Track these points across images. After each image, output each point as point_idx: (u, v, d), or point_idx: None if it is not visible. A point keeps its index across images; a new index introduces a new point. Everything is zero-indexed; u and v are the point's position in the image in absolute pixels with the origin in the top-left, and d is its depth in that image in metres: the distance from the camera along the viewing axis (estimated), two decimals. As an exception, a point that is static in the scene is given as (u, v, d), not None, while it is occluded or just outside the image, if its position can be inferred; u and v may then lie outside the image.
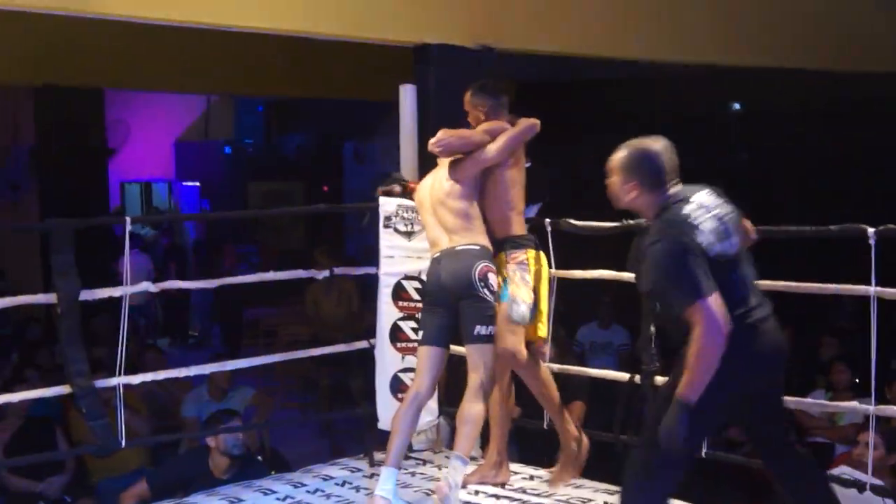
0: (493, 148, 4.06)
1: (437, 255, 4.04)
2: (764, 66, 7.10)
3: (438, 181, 4.13)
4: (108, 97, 10.29)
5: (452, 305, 3.95)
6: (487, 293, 3.88)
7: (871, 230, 3.54)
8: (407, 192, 4.61)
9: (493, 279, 3.90)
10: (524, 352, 4.03)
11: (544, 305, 4.14)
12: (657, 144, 3.22)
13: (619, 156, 3.24)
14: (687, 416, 3.02)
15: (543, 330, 4.15)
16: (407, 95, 4.99)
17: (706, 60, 6.79)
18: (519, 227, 4.14)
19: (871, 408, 3.70)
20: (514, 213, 4.15)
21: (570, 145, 9.93)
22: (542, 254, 4.17)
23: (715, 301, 2.99)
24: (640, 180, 3.18)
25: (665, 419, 3.07)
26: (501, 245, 4.10)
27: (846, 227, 3.61)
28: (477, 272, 3.87)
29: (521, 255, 4.07)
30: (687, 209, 3.12)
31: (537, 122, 4.17)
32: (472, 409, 3.86)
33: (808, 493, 3.34)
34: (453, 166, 4.09)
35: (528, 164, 4.27)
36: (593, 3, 5.91)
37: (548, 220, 4.39)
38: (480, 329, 3.88)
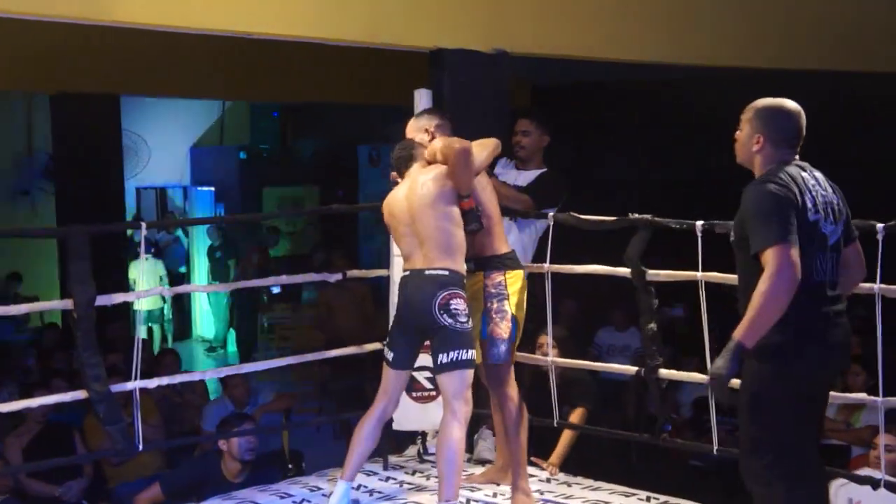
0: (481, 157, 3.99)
1: (407, 274, 3.92)
2: (784, 67, 7.07)
3: (418, 187, 3.92)
4: (124, 103, 10.34)
5: (417, 330, 3.89)
6: (449, 320, 3.76)
7: (879, 225, 3.51)
8: None
9: (455, 305, 3.77)
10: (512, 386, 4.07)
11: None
12: (792, 104, 3.20)
13: (752, 107, 3.21)
14: (737, 358, 2.99)
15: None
16: (422, 100, 5.00)
17: (718, 63, 6.78)
18: (500, 242, 4.09)
19: (880, 400, 3.67)
20: (494, 224, 4.08)
21: (584, 147, 9.96)
22: (520, 272, 4.11)
23: (794, 252, 2.95)
24: (767, 133, 3.15)
25: (716, 360, 3.04)
26: (483, 263, 4.05)
27: (854, 222, 3.57)
28: (437, 303, 3.76)
29: (498, 276, 4.03)
30: (804, 174, 3.12)
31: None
32: (451, 441, 3.74)
33: None
34: (442, 168, 3.92)
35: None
36: (606, 5, 5.91)
37: (551, 214, 4.38)
38: (442, 357, 3.78)
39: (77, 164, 9.52)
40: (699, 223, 3.82)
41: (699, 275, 3.89)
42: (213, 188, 13.26)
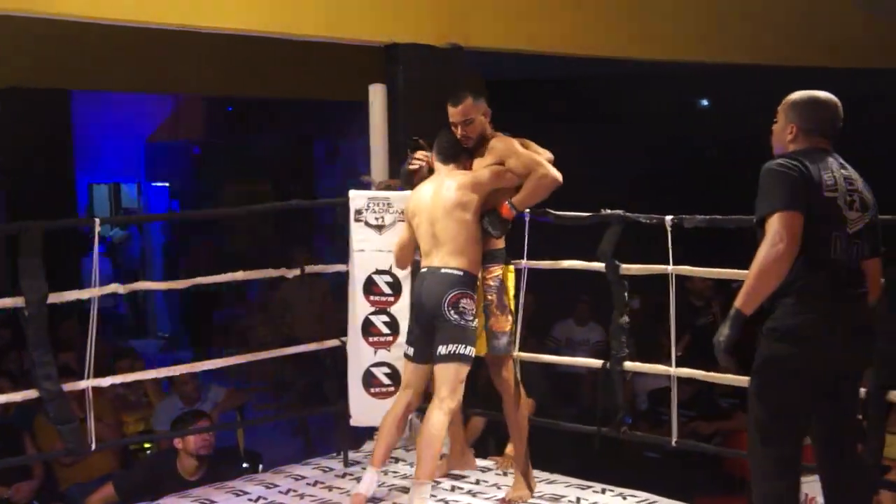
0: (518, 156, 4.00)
1: (425, 271, 4.04)
2: (731, 62, 7.16)
3: (443, 190, 4.02)
4: (76, 98, 10.19)
5: (429, 323, 3.99)
6: (455, 316, 3.89)
7: (668, 218, 3.68)
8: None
9: (464, 304, 3.91)
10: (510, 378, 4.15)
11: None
12: (826, 95, 3.20)
13: (787, 99, 3.22)
14: (738, 325, 3.02)
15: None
16: (377, 95, 4.99)
17: (674, 57, 6.85)
18: (497, 238, 4.14)
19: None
20: None
21: (539, 142, 9.99)
22: (512, 266, 4.20)
23: (792, 217, 2.96)
24: (799, 123, 3.16)
25: (720, 328, 3.08)
26: (483, 258, 4.11)
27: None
28: (447, 300, 3.89)
29: (497, 269, 4.11)
30: (829, 158, 3.12)
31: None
32: (431, 425, 3.85)
33: None
34: (470, 177, 4.01)
35: None
36: (560, 1, 5.94)
37: (527, 210, 4.40)
38: (441, 349, 3.91)
39: (27, 160, 9.37)
40: (668, 217, 3.88)
41: (670, 268, 3.94)
42: (167, 184, 13.13)
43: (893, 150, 8.41)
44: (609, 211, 4.11)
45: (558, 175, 3.96)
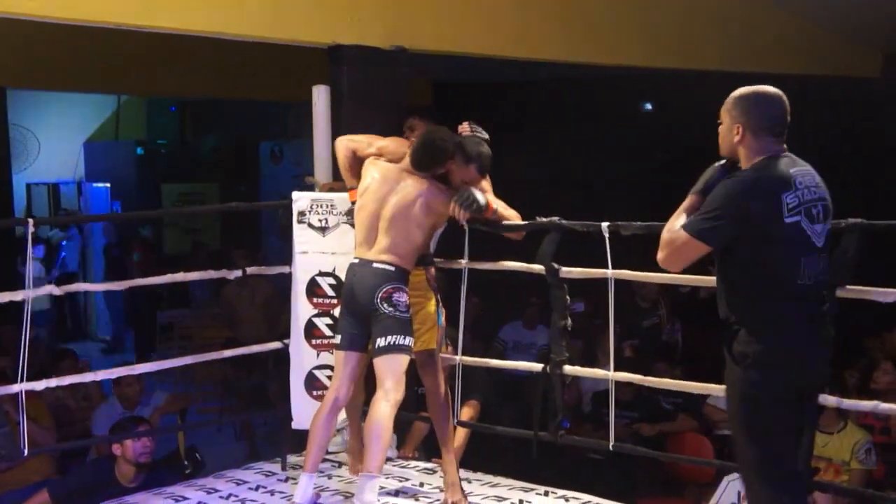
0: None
1: (356, 261, 4.04)
2: (675, 67, 7.24)
3: (407, 193, 4.03)
4: (12, 97, 9.97)
5: (362, 315, 3.99)
6: (389, 309, 3.91)
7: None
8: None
9: (396, 297, 3.93)
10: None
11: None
12: (771, 89, 3.04)
13: (731, 97, 3.06)
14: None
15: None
16: (320, 96, 4.96)
17: (619, 62, 6.90)
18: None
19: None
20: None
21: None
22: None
23: (694, 248, 2.96)
24: (746, 122, 2.99)
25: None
26: (422, 259, 4.19)
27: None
28: (380, 294, 3.91)
29: (432, 269, 4.27)
30: (793, 170, 2.97)
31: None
32: (379, 417, 3.83)
33: None
34: (438, 201, 4.03)
35: None
36: (507, 4, 5.96)
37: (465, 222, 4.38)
38: (380, 342, 3.92)
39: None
40: (605, 224, 3.89)
41: (609, 272, 3.96)
42: (108, 184, 12.91)
43: (841, 156, 8.56)
44: (544, 219, 4.11)
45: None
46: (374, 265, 3.96)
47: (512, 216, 4.16)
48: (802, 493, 3.19)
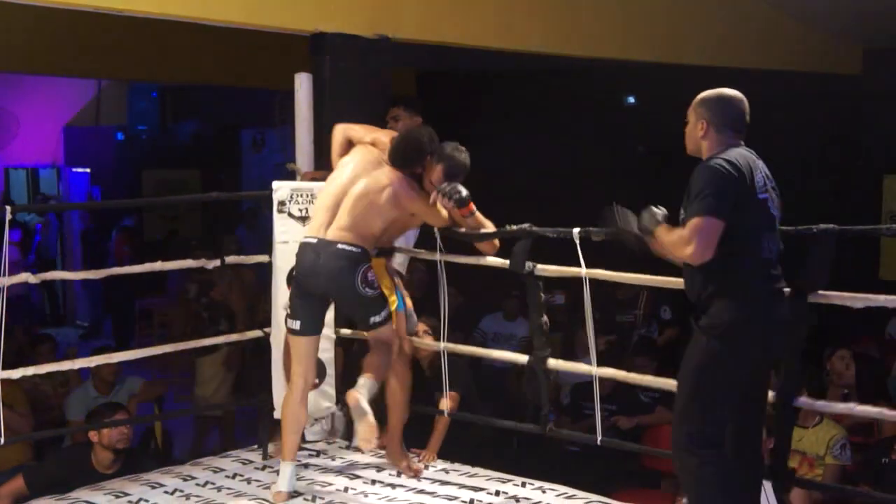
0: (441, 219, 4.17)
1: (315, 241, 4.00)
2: (658, 61, 7.25)
3: (379, 180, 4.06)
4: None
5: (323, 297, 4.08)
6: (369, 290, 3.99)
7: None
8: None
9: (370, 276, 4.01)
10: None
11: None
12: (733, 92, 3.35)
13: (696, 98, 3.35)
14: (640, 242, 3.30)
15: None
16: (302, 84, 4.94)
17: (602, 55, 6.90)
18: None
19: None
20: None
21: (467, 135, 10.01)
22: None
23: (713, 225, 3.08)
24: (710, 119, 3.28)
25: (639, 219, 3.31)
26: (384, 250, 4.30)
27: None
28: (359, 278, 3.95)
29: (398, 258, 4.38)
30: (751, 156, 3.25)
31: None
32: (378, 359, 4.06)
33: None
34: (407, 193, 4.08)
35: None
36: (491, -6, 5.95)
37: (437, 229, 4.34)
38: (375, 318, 4.04)
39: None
40: (576, 230, 3.91)
41: (583, 271, 3.97)
42: (88, 170, 12.82)
43: (822, 152, 8.60)
44: (514, 227, 4.11)
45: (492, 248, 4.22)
46: (339, 246, 3.96)
47: (488, 225, 4.17)
48: (729, 466, 3.29)
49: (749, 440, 3.38)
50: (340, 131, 4.34)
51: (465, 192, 4.02)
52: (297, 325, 4.05)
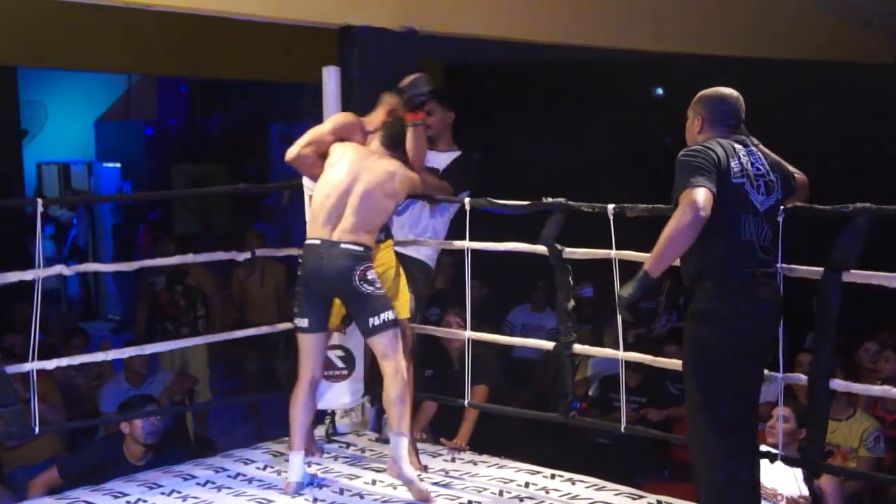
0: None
1: (318, 244, 4.04)
2: (686, 52, 7.20)
3: (373, 168, 4.12)
4: (23, 76, 9.98)
5: (329, 296, 4.12)
6: (369, 288, 3.99)
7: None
8: None
9: (370, 274, 4.02)
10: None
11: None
12: (728, 90, 3.53)
13: (696, 97, 3.53)
14: (643, 286, 3.27)
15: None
16: (330, 77, 4.95)
17: (630, 46, 6.87)
18: None
19: (780, 375, 3.75)
20: None
21: (497, 128, 9.99)
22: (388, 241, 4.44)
23: (704, 192, 3.17)
24: (705, 115, 3.47)
25: (625, 286, 3.32)
26: (387, 232, 4.39)
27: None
28: (357, 276, 3.96)
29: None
30: (737, 146, 3.38)
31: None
32: (394, 392, 3.99)
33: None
34: (408, 178, 4.19)
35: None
36: (518, -13, 5.92)
37: (467, 200, 4.39)
38: (373, 321, 4.00)
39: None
40: (611, 206, 3.90)
41: (613, 253, 3.96)
42: (118, 164, 12.93)
43: (848, 142, 8.52)
44: (550, 199, 4.11)
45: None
46: (342, 246, 4.00)
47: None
48: (746, 450, 3.40)
49: (746, 425, 3.42)
50: (298, 150, 4.32)
51: (426, 89, 4.15)
52: (304, 322, 4.10)
